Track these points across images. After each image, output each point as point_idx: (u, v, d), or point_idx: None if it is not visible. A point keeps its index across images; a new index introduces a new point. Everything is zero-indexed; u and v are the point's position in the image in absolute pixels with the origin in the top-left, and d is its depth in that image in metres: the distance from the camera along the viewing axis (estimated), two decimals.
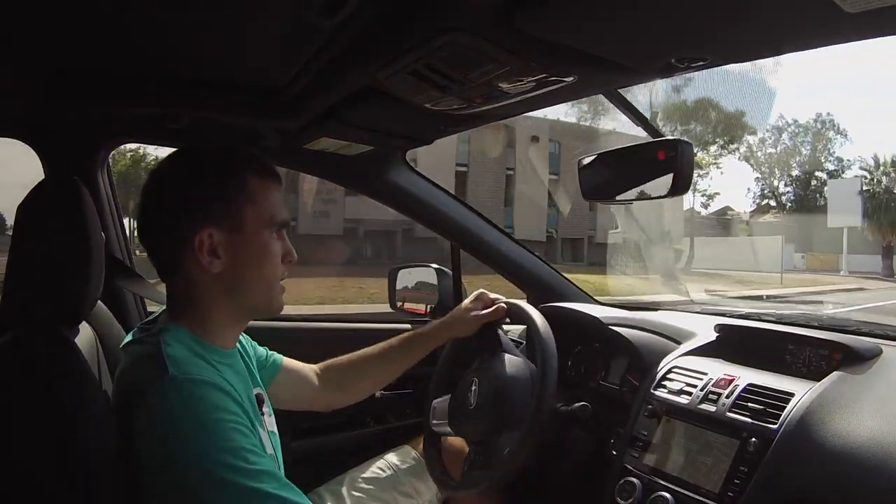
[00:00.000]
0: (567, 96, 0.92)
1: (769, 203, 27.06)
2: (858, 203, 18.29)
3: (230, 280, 0.78)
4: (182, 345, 0.74)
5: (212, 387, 0.69)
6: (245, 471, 0.65)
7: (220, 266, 0.77)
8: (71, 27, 0.79)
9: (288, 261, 0.83)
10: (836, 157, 26.25)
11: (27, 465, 0.66)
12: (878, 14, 0.57)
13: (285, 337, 1.51)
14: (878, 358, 0.95)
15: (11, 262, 0.74)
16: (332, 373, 1.11)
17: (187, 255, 0.76)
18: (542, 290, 1.55)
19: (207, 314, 0.79)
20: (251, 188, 0.79)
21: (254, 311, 0.83)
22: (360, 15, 0.70)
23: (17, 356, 0.70)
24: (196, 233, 0.75)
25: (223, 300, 0.79)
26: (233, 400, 0.70)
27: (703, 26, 0.67)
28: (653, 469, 0.95)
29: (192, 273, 0.77)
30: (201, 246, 0.75)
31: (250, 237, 0.78)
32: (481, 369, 1.12)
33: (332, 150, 1.27)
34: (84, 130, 1.19)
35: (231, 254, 0.77)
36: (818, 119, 27.07)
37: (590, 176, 1.08)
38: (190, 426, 0.66)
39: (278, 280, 0.82)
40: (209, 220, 0.76)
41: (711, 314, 1.34)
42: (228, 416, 0.68)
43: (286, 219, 0.83)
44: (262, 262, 0.79)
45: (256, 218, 0.78)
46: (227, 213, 0.77)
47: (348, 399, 1.12)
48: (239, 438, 0.67)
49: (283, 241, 0.83)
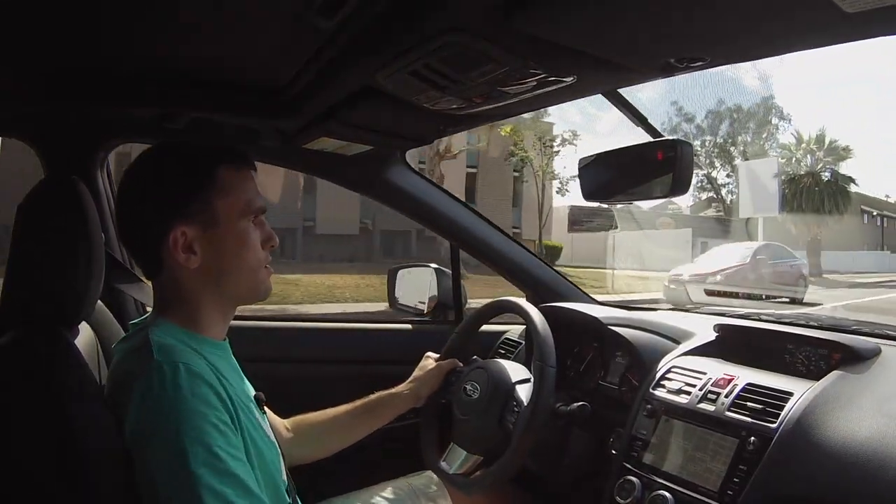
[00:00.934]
0: (567, 96, 0.92)
1: (711, 196, 24.18)
2: (776, 189, 14.43)
3: (213, 273, 0.78)
4: (171, 336, 0.74)
5: (196, 377, 0.69)
6: (212, 469, 0.65)
7: (197, 261, 0.77)
8: (71, 27, 0.79)
9: (270, 246, 0.83)
10: (781, 145, 22.19)
11: (27, 465, 0.66)
12: (877, 14, 0.57)
13: (285, 337, 1.52)
14: (877, 357, 0.95)
15: (11, 262, 0.74)
16: (303, 427, 1.11)
17: (166, 255, 0.77)
18: (541, 289, 1.55)
19: (195, 308, 0.79)
20: (222, 180, 0.78)
21: (241, 299, 0.84)
22: (360, 15, 0.70)
23: (17, 356, 0.70)
24: (169, 232, 0.75)
25: (209, 293, 0.79)
26: (215, 394, 0.69)
27: (703, 26, 0.67)
28: (652, 468, 0.95)
29: (173, 270, 0.78)
30: (175, 244, 0.76)
31: (226, 229, 0.78)
32: (480, 368, 1.12)
33: (332, 149, 1.27)
34: (84, 130, 1.19)
35: (208, 248, 0.77)
36: (763, 104, 23.15)
37: (589, 176, 1.08)
38: (169, 410, 0.66)
39: (262, 265, 0.82)
40: (180, 218, 0.76)
41: (711, 314, 1.34)
42: (208, 410, 0.68)
43: (262, 205, 0.82)
44: (241, 251, 0.79)
45: (230, 209, 0.78)
46: (198, 209, 0.77)
47: (315, 455, 1.11)
48: (213, 434, 0.66)
49: (262, 228, 0.82)
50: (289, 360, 1.45)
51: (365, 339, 1.58)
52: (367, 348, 1.54)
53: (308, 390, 1.21)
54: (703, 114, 24.76)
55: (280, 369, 1.38)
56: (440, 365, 1.18)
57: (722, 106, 23.19)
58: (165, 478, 0.64)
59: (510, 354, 1.41)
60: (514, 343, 1.45)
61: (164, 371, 0.68)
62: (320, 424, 1.12)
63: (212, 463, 0.65)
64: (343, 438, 1.14)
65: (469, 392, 1.10)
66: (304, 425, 1.11)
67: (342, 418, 1.12)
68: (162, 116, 1.10)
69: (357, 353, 1.52)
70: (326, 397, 1.16)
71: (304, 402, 1.14)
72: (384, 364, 1.47)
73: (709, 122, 23.16)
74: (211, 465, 0.65)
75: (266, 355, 1.36)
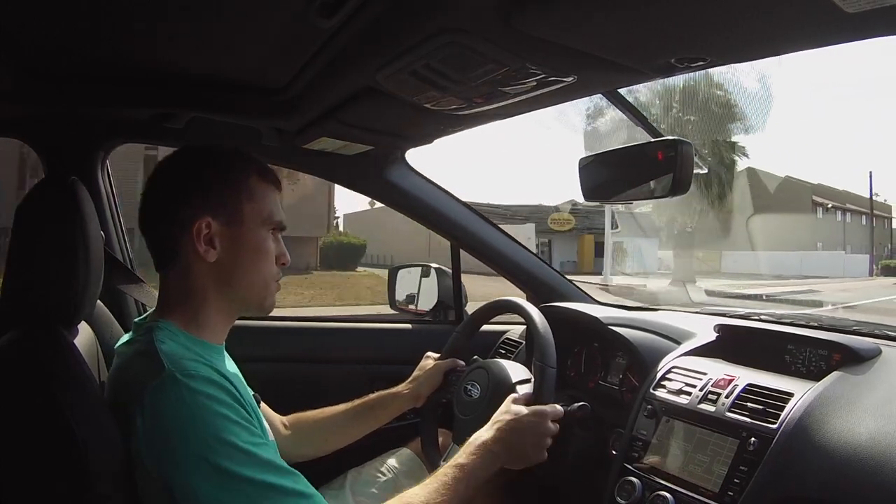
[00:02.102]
0: (567, 96, 0.92)
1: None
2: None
3: (225, 271, 0.80)
4: (175, 341, 0.74)
5: (209, 382, 0.69)
6: (247, 462, 0.66)
7: (215, 256, 0.78)
8: (71, 27, 0.79)
9: (282, 262, 0.85)
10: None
11: (27, 464, 0.66)
12: (877, 14, 0.57)
13: (285, 336, 1.52)
14: (877, 358, 0.95)
15: (11, 262, 0.74)
16: (301, 425, 1.11)
17: (185, 243, 0.78)
18: (541, 289, 1.55)
19: (199, 307, 0.80)
20: (252, 186, 0.81)
21: (245, 305, 0.84)
22: (360, 15, 0.70)
23: (17, 356, 0.70)
24: (195, 221, 0.77)
25: (216, 292, 0.80)
26: (228, 394, 0.70)
27: (703, 26, 0.67)
28: (652, 469, 0.95)
29: (188, 261, 0.79)
30: (198, 234, 0.77)
31: (247, 231, 0.80)
32: (481, 368, 1.12)
33: (332, 149, 1.27)
34: (84, 130, 1.19)
35: (227, 245, 0.79)
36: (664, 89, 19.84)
37: (589, 176, 1.08)
38: (190, 422, 0.66)
39: (273, 279, 0.84)
40: (208, 210, 0.78)
41: (711, 314, 1.34)
42: (226, 411, 0.68)
43: (282, 221, 0.85)
44: (256, 257, 0.81)
45: (254, 214, 0.81)
46: (227, 205, 0.79)
47: (313, 453, 1.11)
48: (238, 431, 0.68)
49: (277, 243, 0.85)
50: (288, 360, 1.45)
51: (365, 339, 1.58)
52: (367, 348, 1.54)
53: (307, 390, 1.21)
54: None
55: (280, 369, 1.38)
56: (439, 364, 1.18)
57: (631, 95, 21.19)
58: (210, 489, 0.65)
59: (510, 354, 1.41)
60: (515, 343, 1.45)
61: (179, 381, 0.68)
62: (319, 422, 1.12)
63: (244, 458, 0.67)
64: (341, 437, 1.14)
65: (469, 392, 1.10)
66: (302, 423, 1.12)
67: (341, 417, 1.12)
68: (162, 116, 1.11)
69: (357, 353, 1.52)
70: (326, 397, 1.16)
71: (304, 402, 1.14)
72: (384, 364, 1.48)
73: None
74: (244, 460, 0.66)
75: (266, 355, 1.36)
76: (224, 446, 0.66)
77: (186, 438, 0.66)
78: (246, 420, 0.70)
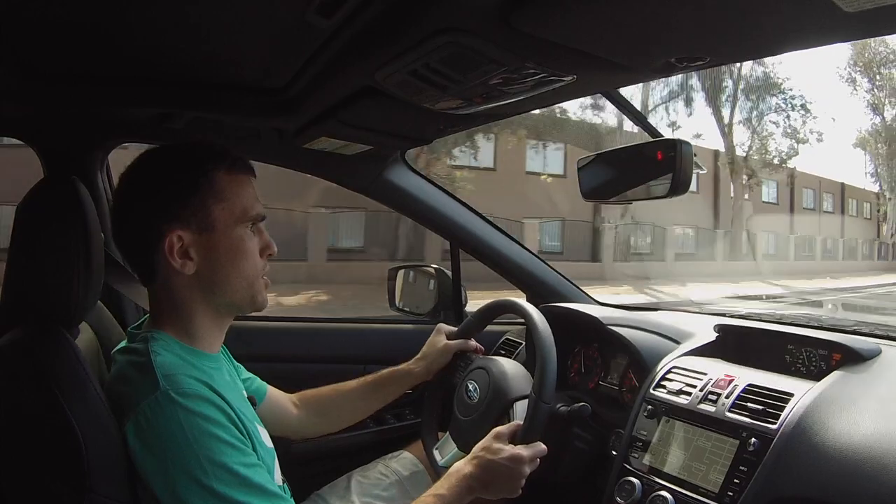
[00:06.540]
0: (566, 96, 0.92)
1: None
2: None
3: (207, 280, 0.77)
4: (170, 351, 0.74)
5: (203, 401, 0.69)
6: (237, 485, 0.67)
7: (193, 267, 0.76)
8: (71, 27, 0.79)
9: (267, 255, 0.82)
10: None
11: (27, 465, 0.66)
12: (876, 13, 0.57)
13: (285, 336, 1.52)
14: (877, 358, 0.95)
15: (11, 262, 0.74)
16: (310, 401, 1.11)
17: (160, 259, 0.75)
18: (541, 289, 1.55)
19: (190, 318, 0.78)
20: (219, 185, 0.77)
21: (235, 309, 0.82)
22: (359, 15, 0.70)
23: (17, 356, 0.70)
24: (165, 236, 0.74)
25: (203, 301, 0.78)
26: (222, 412, 0.70)
27: (703, 26, 0.67)
28: (652, 469, 0.95)
29: (169, 277, 0.76)
30: (171, 249, 0.75)
31: (222, 235, 0.77)
32: (482, 368, 1.12)
33: (332, 149, 1.27)
34: (84, 130, 1.19)
35: (204, 254, 0.76)
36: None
37: (589, 176, 1.08)
38: (184, 442, 0.66)
39: (259, 275, 0.81)
40: (176, 222, 0.75)
41: (711, 314, 1.34)
42: (220, 431, 0.68)
43: (261, 212, 0.81)
44: (237, 259, 0.78)
45: (227, 215, 0.77)
46: (195, 212, 0.75)
47: (326, 427, 1.12)
48: (231, 452, 0.68)
49: (260, 235, 0.81)
50: (289, 360, 1.45)
51: (364, 339, 1.58)
52: (367, 348, 1.54)
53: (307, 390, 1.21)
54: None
55: (280, 369, 1.38)
56: (449, 344, 1.19)
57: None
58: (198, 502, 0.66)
59: (510, 354, 1.41)
60: (515, 343, 1.45)
61: (174, 400, 0.68)
62: (328, 398, 1.12)
63: (234, 480, 0.67)
64: (352, 413, 1.14)
65: (470, 392, 1.10)
66: (312, 399, 1.12)
67: (352, 393, 1.13)
68: (162, 116, 1.10)
69: (357, 353, 1.52)
70: None
71: None
72: (384, 364, 1.47)
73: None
74: (234, 482, 0.67)
75: (265, 354, 1.36)
76: (216, 468, 0.66)
77: (178, 458, 0.66)
78: (239, 440, 0.70)
